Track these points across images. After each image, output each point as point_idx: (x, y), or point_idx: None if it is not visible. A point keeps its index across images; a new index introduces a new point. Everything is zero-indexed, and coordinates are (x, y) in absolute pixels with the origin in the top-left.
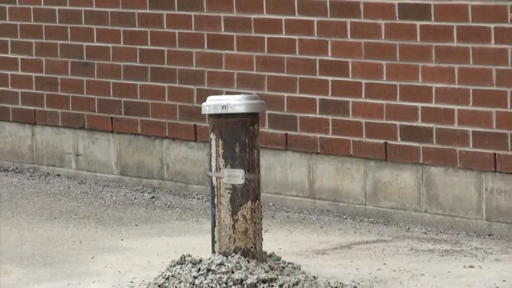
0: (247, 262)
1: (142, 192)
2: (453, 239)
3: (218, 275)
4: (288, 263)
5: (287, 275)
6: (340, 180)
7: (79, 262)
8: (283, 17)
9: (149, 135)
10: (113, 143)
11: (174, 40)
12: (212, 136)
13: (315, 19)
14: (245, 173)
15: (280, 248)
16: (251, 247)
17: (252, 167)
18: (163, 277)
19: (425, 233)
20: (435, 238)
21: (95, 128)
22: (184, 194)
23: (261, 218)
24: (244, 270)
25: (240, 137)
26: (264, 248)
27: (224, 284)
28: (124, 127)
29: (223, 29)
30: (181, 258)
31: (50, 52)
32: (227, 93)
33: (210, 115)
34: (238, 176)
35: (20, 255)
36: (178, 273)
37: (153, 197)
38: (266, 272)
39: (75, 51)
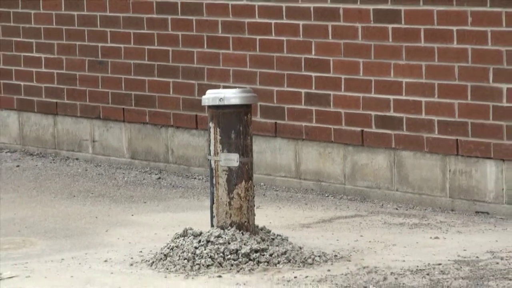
0: (241, 235)
1: (150, 174)
2: (421, 214)
3: (216, 246)
4: (277, 235)
5: (276, 245)
6: (322, 163)
7: (95, 234)
8: (273, 21)
9: (156, 124)
10: (125, 131)
11: (178, 41)
12: (211, 124)
13: (301, 22)
14: (239, 156)
15: (270, 222)
16: (245, 222)
17: (245, 151)
18: (168, 248)
19: (397, 209)
20: (405, 213)
21: (109, 117)
22: (187, 175)
23: (254, 196)
24: (239, 242)
25: (235, 126)
26: (256, 222)
27: (221, 254)
28: (134, 117)
29: (220, 31)
30: (184, 231)
31: (70, 52)
32: (224, 87)
33: (209, 106)
34: (233, 160)
35: (43, 229)
36: (181, 244)
37: (159, 178)
38: (258, 243)
39: (91, 51)
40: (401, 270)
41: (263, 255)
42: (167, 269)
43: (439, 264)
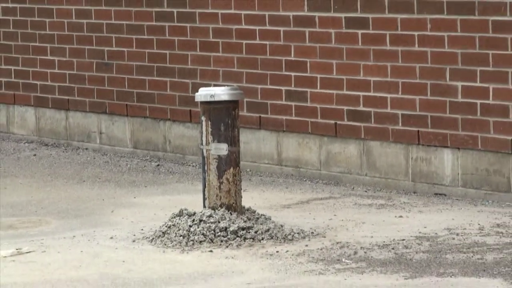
0: (230, 214)
1: (150, 162)
2: (387, 196)
3: (208, 224)
4: (261, 215)
5: (261, 224)
6: (301, 152)
7: (102, 214)
8: (257, 28)
9: (155, 118)
10: (128, 124)
11: (174, 45)
12: (203, 118)
13: (282, 29)
14: (228, 146)
15: (255, 204)
16: (233, 203)
17: (233, 141)
18: (166, 226)
19: (366, 191)
20: (373, 195)
21: (114, 112)
22: (182, 163)
23: (241, 181)
24: (228, 220)
25: (224, 119)
26: (243, 204)
27: (212, 231)
28: (136, 111)
29: (211, 37)
30: (179, 211)
31: (80, 55)
32: (215, 85)
33: (201, 102)
34: (222, 149)
35: (57, 210)
36: (178, 223)
37: (158, 165)
38: (245, 221)
39: (98, 54)
40: (369, 245)
41: (249, 232)
42: (165, 244)
43: (403, 240)
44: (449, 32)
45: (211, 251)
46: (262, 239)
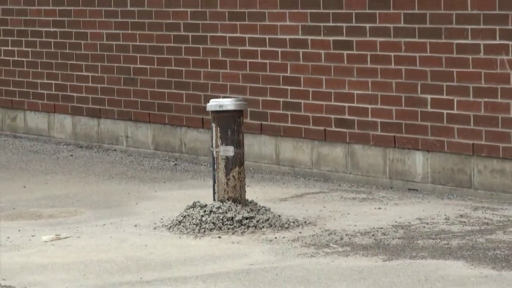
0: (235, 206)
1: (168, 161)
2: (368, 191)
3: (217, 215)
4: (262, 206)
5: (261, 214)
6: (295, 153)
7: (127, 206)
8: (259, 48)
9: (173, 124)
10: (150, 129)
11: (189, 63)
12: (213, 124)
13: (279, 49)
14: (234, 148)
15: (257, 197)
16: (238, 197)
17: (239, 144)
18: (181, 216)
19: (350, 187)
20: (356, 190)
21: (138, 120)
22: (196, 162)
23: (245, 178)
24: (234, 211)
25: (231, 125)
26: (246, 197)
27: (221, 220)
28: (157, 119)
29: (220, 56)
30: (193, 204)
31: (109, 71)
32: (223, 97)
33: (212, 111)
34: (229, 151)
35: (89, 202)
36: (191, 213)
37: (175, 164)
38: (248, 212)
39: (125, 71)
40: (353, 232)
41: (252, 221)
42: (181, 232)
43: (381, 228)
44: (420, 53)
45: (219, 237)
46: (263, 227)
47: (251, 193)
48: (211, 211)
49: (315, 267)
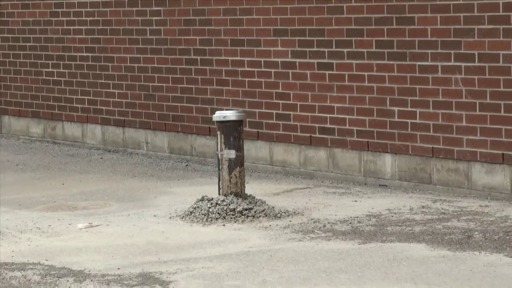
0: (237, 199)
1: (181, 163)
2: (346, 187)
3: (221, 206)
4: (259, 199)
5: (258, 206)
6: (286, 156)
7: (148, 200)
8: (256, 69)
9: (185, 132)
10: (166, 137)
11: (198, 81)
12: (218, 132)
13: (273, 70)
14: (236, 152)
15: (254, 192)
16: (239, 191)
17: (239, 148)
18: (192, 207)
19: (331, 183)
20: (337, 186)
21: (157, 128)
22: (204, 163)
23: (244, 176)
24: (236, 204)
25: (233, 133)
26: (246, 192)
27: (224, 211)
28: (172, 128)
29: (224, 76)
30: (202, 197)
31: (132, 89)
32: (226, 109)
33: (217, 121)
34: (232, 154)
35: (116, 196)
36: (200, 205)
37: (187, 165)
38: (247, 204)
39: (145, 88)
40: (334, 220)
41: (250, 212)
42: (192, 220)
43: (357, 217)
44: (389, 72)
45: (224, 225)
46: (259, 216)
47: (249, 189)
48: (216, 204)
49: (302, 249)
